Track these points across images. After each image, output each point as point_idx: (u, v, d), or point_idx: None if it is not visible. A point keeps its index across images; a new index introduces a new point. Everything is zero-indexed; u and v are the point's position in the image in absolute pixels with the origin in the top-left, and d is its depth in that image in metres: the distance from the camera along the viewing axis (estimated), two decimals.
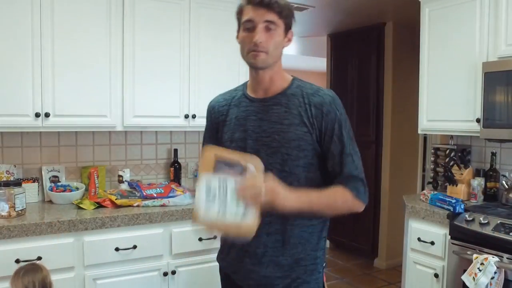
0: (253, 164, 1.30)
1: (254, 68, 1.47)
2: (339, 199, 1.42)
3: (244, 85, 1.59)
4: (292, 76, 1.54)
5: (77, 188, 2.68)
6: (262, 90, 1.50)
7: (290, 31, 1.48)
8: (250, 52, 1.42)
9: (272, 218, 1.41)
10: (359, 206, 1.46)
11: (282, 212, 1.32)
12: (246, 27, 1.42)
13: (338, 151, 1.43)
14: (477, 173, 2.86)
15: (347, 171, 1.43)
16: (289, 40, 1.49)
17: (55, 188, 2.61)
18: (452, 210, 2.48)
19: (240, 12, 1.45)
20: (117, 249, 2.33)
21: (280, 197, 1.29)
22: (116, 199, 2.51)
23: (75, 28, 2.46)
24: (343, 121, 1.45)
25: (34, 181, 2.64)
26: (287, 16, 1.44)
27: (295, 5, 3.87)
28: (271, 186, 1.29)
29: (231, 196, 1.29)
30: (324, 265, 1.55)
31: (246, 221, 1.27)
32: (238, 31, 1.48)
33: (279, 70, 1.50)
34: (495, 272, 2.11)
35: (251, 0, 1.40)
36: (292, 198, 1.33)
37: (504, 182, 2.70)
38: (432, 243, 2.58)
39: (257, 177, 1.28)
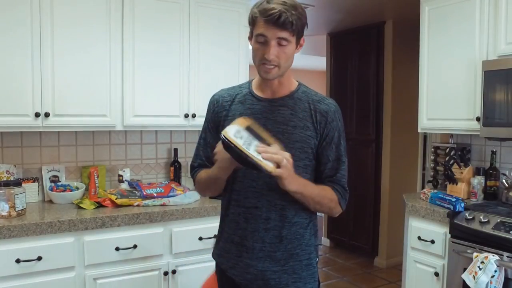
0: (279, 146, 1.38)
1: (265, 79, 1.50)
2: (327, 196, 1.52)
3: (250, 82, 1.61)
4: (297, 81, 1.59)
5: (77, 188, 2.68)
6: (270, 91, 1.54)
7: (302, 38, 1.48)
8: (261, 64, 1.44)
9: (271, 214, 1.48)
10: (338, 210, 1.56)
11: (283, 189, 1.39)
12: (258, 40, 1.42)
13: (334, 157, 1.53)
14: (477, 172, 2.86)
15: (339, 176, 1.54)
16: (301, 46, 1.50)
17: (55, 188, 2.61)
18: (452, 208, 2.48)
19: (252, 22, 1.43)
20: (117, 249, 2.33)
21: (290, 178, 1.37)
22: (116, 199, 2.51)
23: (74, 27, 2.45)
24: (342, 131, 1.55)
25: (34, 181, 2.63)
26: (300, 30, 1.43)
27: None
28: (289, 166, 1.35)
29: (254, 148, 1.31)
30: (317, 260, 1.60)
31: (266, 162, 1.31)
32: (251, 35, 1.47)
33: (288, 74, 1.53)
34: (495, 271, 2.11)
35: (266, 17, 1.37)
36: (296, 183, 1.41)
37: (504, 180, 2.69)
38: (432, 241, 2.58)
39: (281, 151, 1.35)
